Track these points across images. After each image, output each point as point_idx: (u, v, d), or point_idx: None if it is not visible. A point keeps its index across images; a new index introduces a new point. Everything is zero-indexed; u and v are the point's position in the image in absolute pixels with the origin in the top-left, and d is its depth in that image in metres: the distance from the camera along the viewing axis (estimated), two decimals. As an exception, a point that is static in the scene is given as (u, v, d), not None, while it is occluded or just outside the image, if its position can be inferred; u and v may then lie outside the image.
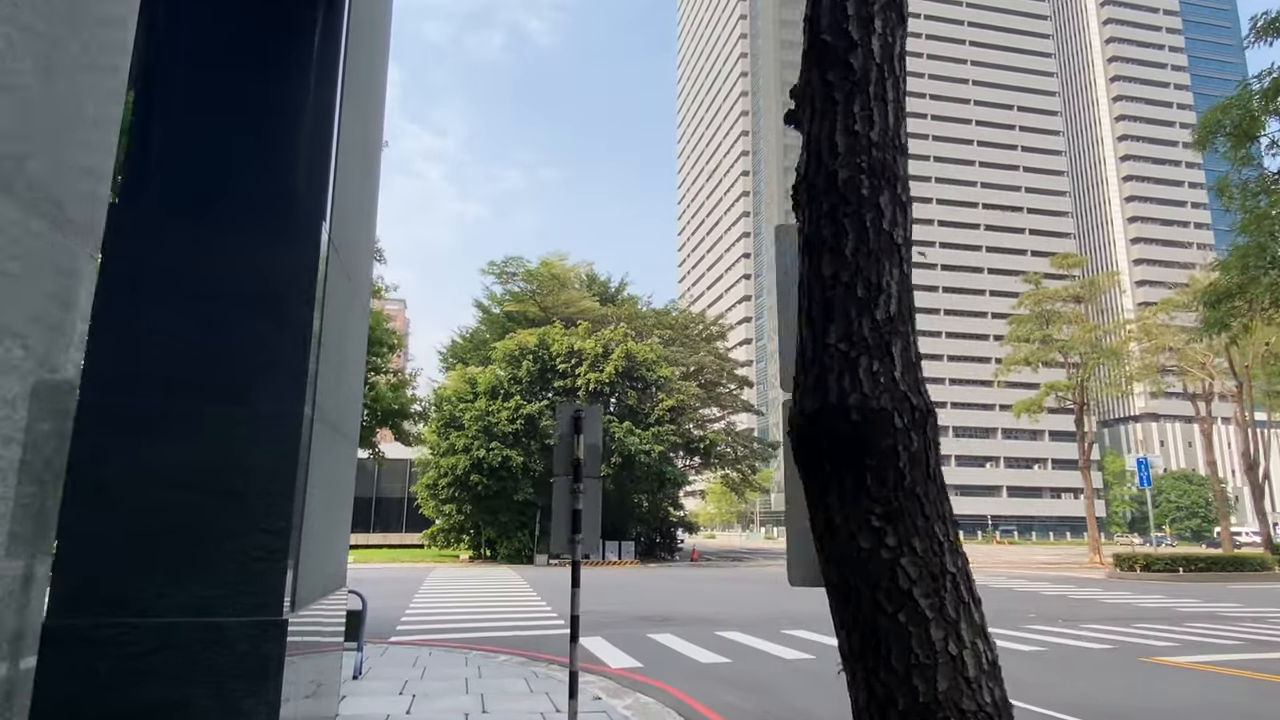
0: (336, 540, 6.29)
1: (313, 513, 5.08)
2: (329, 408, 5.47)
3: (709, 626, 13.58)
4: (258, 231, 4.87)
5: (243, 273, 4.79)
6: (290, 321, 4.77)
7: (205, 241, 4.83)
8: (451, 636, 12.44)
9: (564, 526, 5.96)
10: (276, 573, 4.52)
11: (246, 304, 4.74)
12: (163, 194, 4.92)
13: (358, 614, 8.68)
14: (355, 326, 6.50)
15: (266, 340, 4.71)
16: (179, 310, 4.66)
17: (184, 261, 4.75)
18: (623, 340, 36.69)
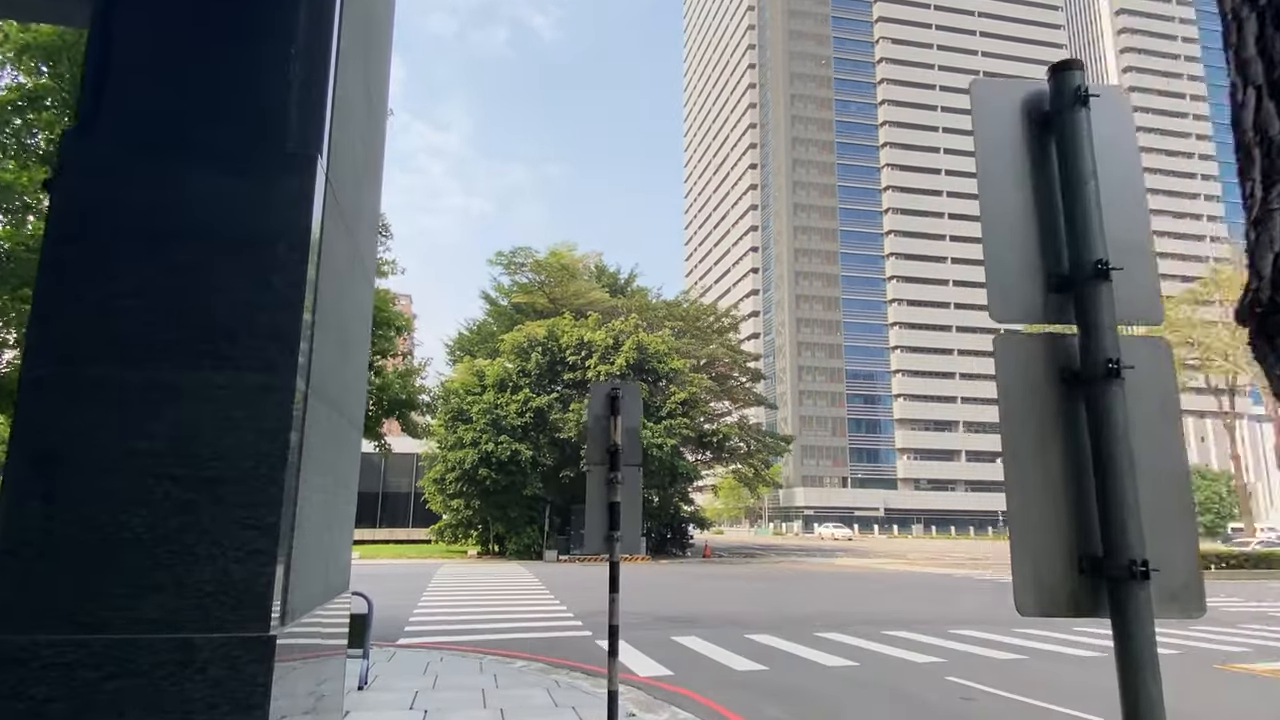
0: (339, 538, 5.48)
1: (309, 505, 4.26)
2: (329, 384, 4.66)
3: (736, 628, 12.78)
4: (239, 162, 4.03)
5: (221, 211, 3.96)
6: (279, 272, 3.95)
7: (176, 174, 3.99)
8: (463, 639, 11.67)
9: (599, 522, 5.16)
10: (263, 579, 3.68)
11: (225, 249, 3.91)
12: (126, 117, 4.08)
13: (363, 618, 7.91)
14: (359, 296, 5.68)
15: (250, 294, 3.89)
16: (142, 256, 3.84)
17: (149, 198, 3.92)
18: (634, 332, 35.89)
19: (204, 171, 3.87)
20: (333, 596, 5.33)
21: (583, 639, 11.67)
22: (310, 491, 4.29)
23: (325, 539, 4.85)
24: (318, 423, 4.37)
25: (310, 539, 4.38)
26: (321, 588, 4.86)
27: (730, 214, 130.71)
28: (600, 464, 5.24)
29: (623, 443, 5.20)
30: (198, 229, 3.77)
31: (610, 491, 5.14)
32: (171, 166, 3.83)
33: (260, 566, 3.59)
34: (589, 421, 5.33)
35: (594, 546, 5.15)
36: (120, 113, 3.93)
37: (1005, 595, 15.82)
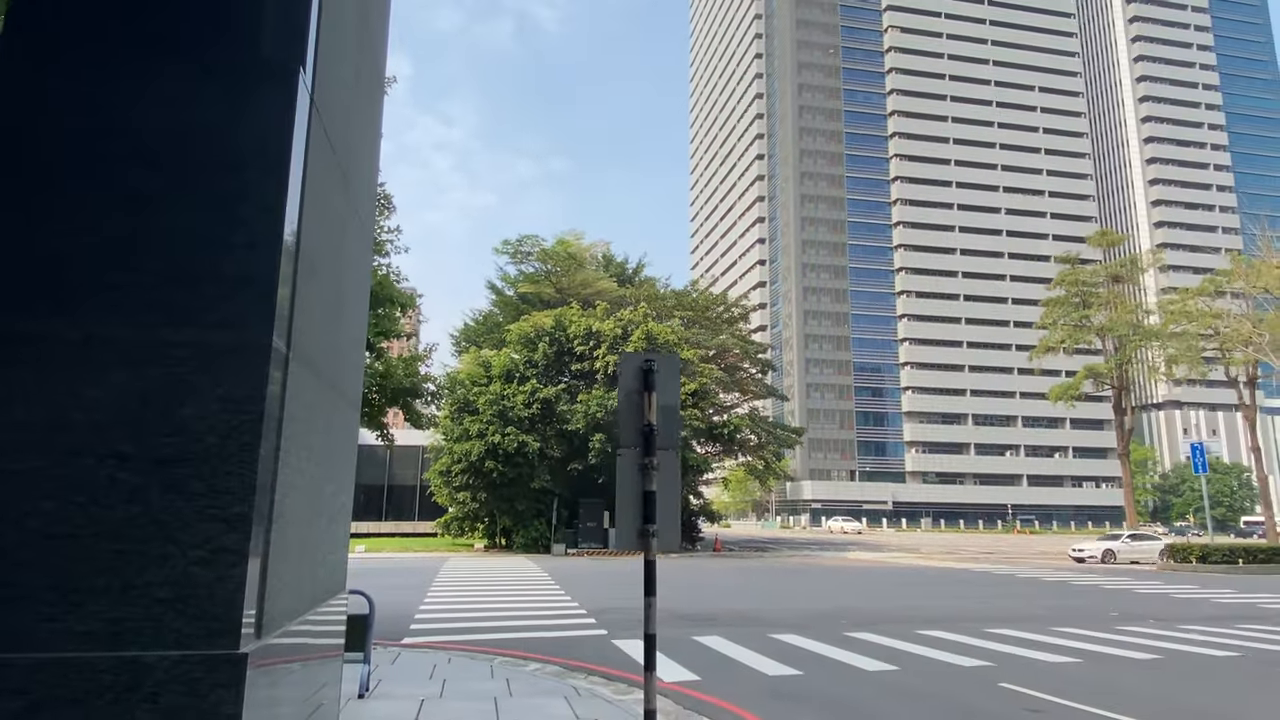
0: (332, 532, 4.77)
1: (292, 493, 3.55)
2: (317, 349, 3.95)
3: (759, 627, 12.10)
4: (203, 71, 3.28)
5: (180, 131, 3.22)
6: (251, 204, 3.21)
7: (126, 83, 3.26)
8: (472, 638, 11.01)
9: (632, 514, 4.47)
10: (230, 582, 2.95)
11: (184, 175, 3.17)
12: (67, 14, 3.33)
13: (364, 619, 7.23)
14: (354, 252, 4.96)
15: (215, 231, 3.16)
16: (82, 183, 3.11)
17: (94, 112, 3.19)
18: (642, 321, 35.15)
19: (160, 80, 3.15)
20: (325, 599, 4.64)
21: (598, 638, 11.01)
22: (293, 476, 3.59)
23: (314, 533, 4.15)
24: (302, 393, 3.66)
25: (294, 533, 3.68)
26: (310, 590, 4.16)
27: (737, 205, 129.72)
28: (632, 447, 4.55)
29: (658, 423, 4.50)
30: (151, 150, 3.06)
31: (644, 479, 4.45)
32: (119, 74, 3.12)
33: (227, 568, 2.87)
34: (619, 398, 4.64)
35: (626, 542, 4.46)
36: (55, 7, 3.21)
37: (1033, 590, 15.11)
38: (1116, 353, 40.26)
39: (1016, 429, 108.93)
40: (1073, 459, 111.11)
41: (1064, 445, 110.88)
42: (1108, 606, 15.95)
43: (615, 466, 4.54)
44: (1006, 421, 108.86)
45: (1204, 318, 39.92)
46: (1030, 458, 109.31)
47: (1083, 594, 18.74)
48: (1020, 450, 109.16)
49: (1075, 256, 44.59)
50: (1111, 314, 40.60)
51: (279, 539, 3.31)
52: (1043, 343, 42.77)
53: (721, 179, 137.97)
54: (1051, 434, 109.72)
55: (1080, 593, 19.06)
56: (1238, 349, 39.91)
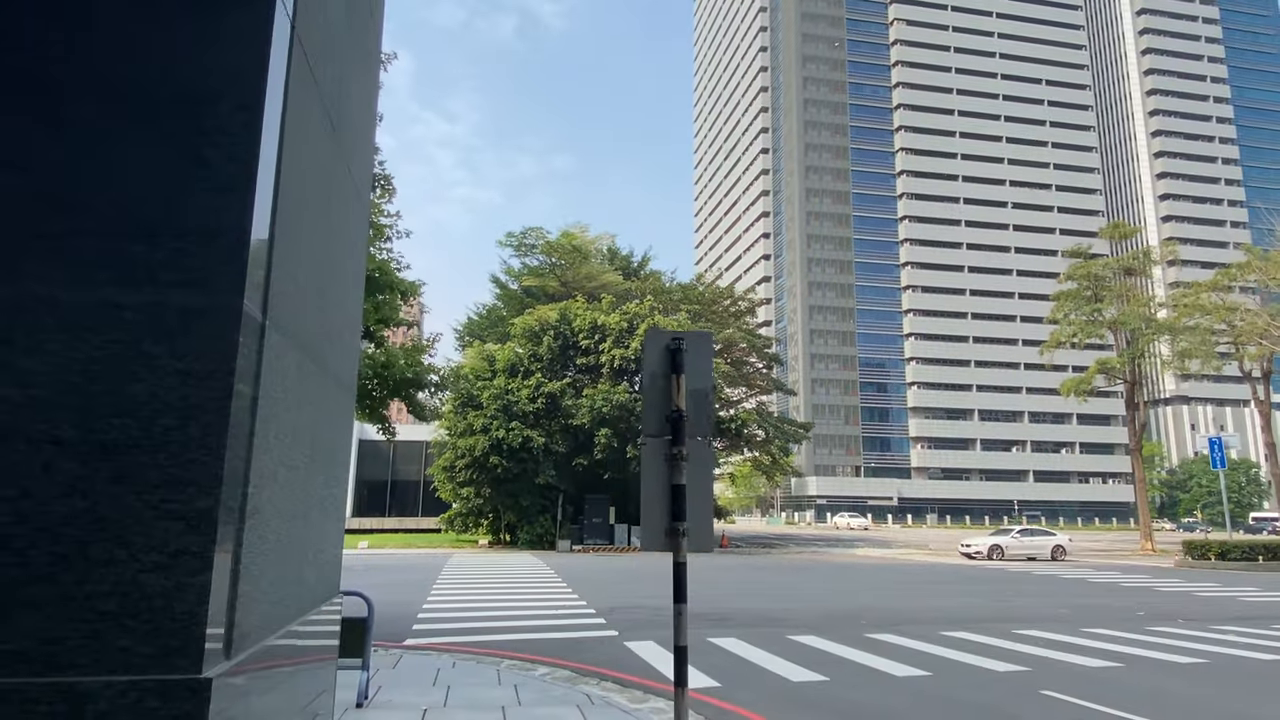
0: (322, 530, 4.30)
1: (272, 485, 3.06)
2: (302, 324, 3.47)
3: (775, 628, 11.63)
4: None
5: (136, 54, 2.71)
6: (220, 146, 2.69)
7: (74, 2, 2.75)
8: (477, 639, 10.55)
9: (659, 511, 3.98)
10: (191, 592, 2.44)
11: (140, 108, 2.68)
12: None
13: (362, 622, 6.78)
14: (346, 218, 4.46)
15: (177, 175, 2.66)
16: (16, 116, 2.61)
17: (34, 35, 2.68)
18: (649, 315, 34.67)
19: None
20: (316, 605, 4.16)
21: (609, 640, 10.54)
22: (272, 465, 3.09)
23: (300, 530, 3.67)
24: (283, 369, 3.16)
25: (274, 531, 3.19)
26: (296, 596, 3.67)
27: (742, 199, 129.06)
28: (659, 435, 4.06)
29: (688, 408, 4.01)
30: (100, 75, 2.58)
31: (673, 471, 3.96)
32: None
33: (188, 574, 2.36)
34: (643, 381, 4.16)
35: (653, 542, 3.98)
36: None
37: (1051, 588, 14.59)
38: (1129, 346, 39.66)
39: (1023, 424, 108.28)
40: (1079, 454, 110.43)
41: (1070, 441, 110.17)
42: (1132, 605, 15.46)
43: (641, 457, 4.06)
44: (1012, 417, 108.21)
45: (1218, 311, 39.30)
46: (1036, 453, 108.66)
47: (1103, 592, 18.24)
48: (1026, 446, 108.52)
49: (1086, 249, 43.95)
50: (1124, 307, 39.99)
51: (255, 538, 2.83)
52: (1054, 336, 42.15)
53: (726, 173, 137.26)
54: (1058, 429, 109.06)
55: (1100, 591, 18.56)
56: (1252, 343, 39.29)
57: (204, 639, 2.28)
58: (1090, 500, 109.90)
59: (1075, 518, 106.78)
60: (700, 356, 4.12)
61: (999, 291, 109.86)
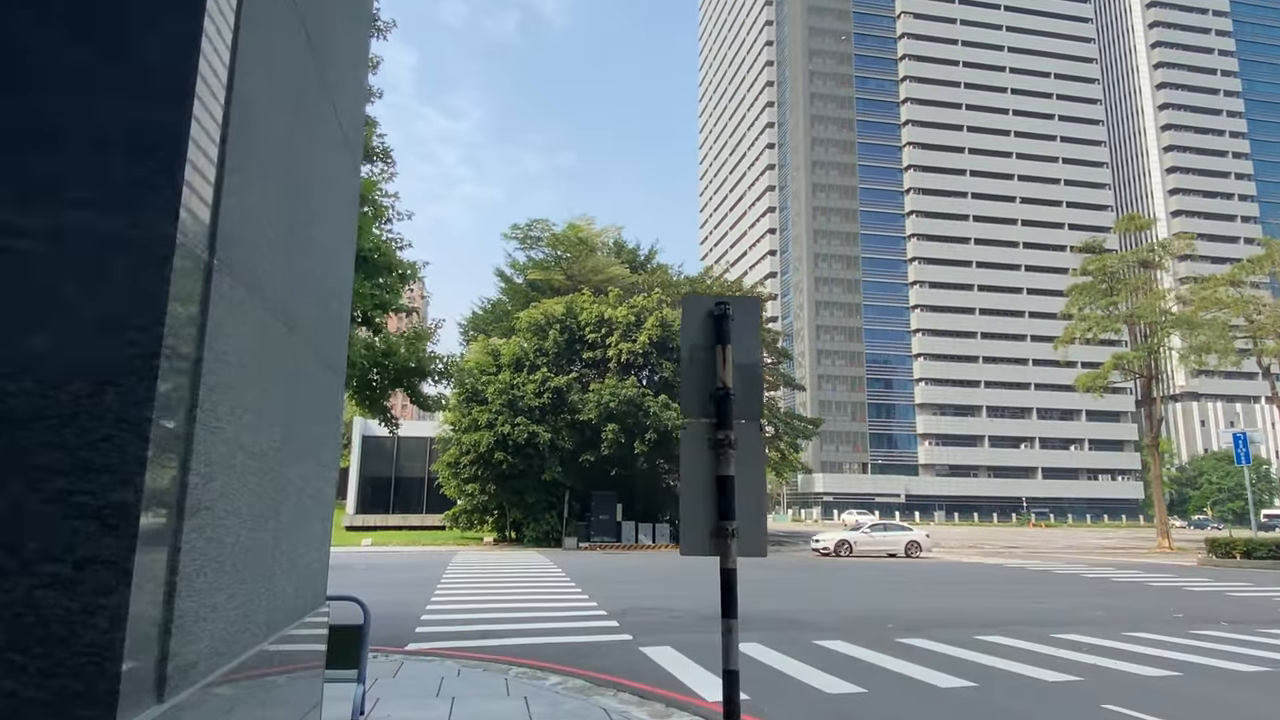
0: (304, 530, 3.66)
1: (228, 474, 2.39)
2: (269, 277, 2.82)
3: (799, 631, 10.99)
4: None
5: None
6: (154, 35, 1.98)
7: None
8: (484, 644, 9.94)
9: (701, 507, 3.35)
10: (104, 615, 1.74)
11: None
12: None
13: (357, 631, 6.15)
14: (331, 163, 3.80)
15: (96, 70, 1.94)
16: None
17: None
18: (657, 308, 34.02)
19: None
20: (294, 620, 3.51)
21: (623, 645, 9.92)
22: (228, 450, 2.39)
23: (270, 532, 3.01)
24: (241, 329, 2.47)
25: (231, 534, 2.49)
26: (266, 611, 3.00)
27: (747, 195, 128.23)
28: (701, 418, 3.42)
29: (735, 385, 3.37)
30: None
31: (718, 460, 3.32)
32: None
33: (99, 592, 1.69)
34: (682, 355, 3.52)
35: (696, 545, 3.34)
36: None
37: (1078, 588, 13.88)
38: (1145, 340, 38.90)
39: (1031, 421, 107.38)
40: (1088, 451, 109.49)
41: (1080, 438, 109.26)
42: (1166, 606, 14.79)
43: (680, 443, 3.41)
44: (1021, 414, 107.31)
45: (1236, 305, 38.53)
46: (1045, 450, 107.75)
47: (1132, 592, 17.57)
48: (1035, 443, 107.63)
49: (1100, 242, 43.20)
50: (1140, 301, 39.22)
51: (201, 542, 2.18)
52: (1068, 331, 41.38)
53: (731, 169, 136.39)
54: (1067, 426, 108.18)
55: (1127, 591, 17.88)
56: (1270, 336, 38.51)
57: (119, 678, 1.63)
58: (1099, 497, 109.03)
59: (1084, 515, 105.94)
60: (748, 325, 3.49)
61: (1007, 287, 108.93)
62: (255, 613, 2.70)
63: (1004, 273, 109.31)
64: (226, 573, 2.33)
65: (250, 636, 2.64)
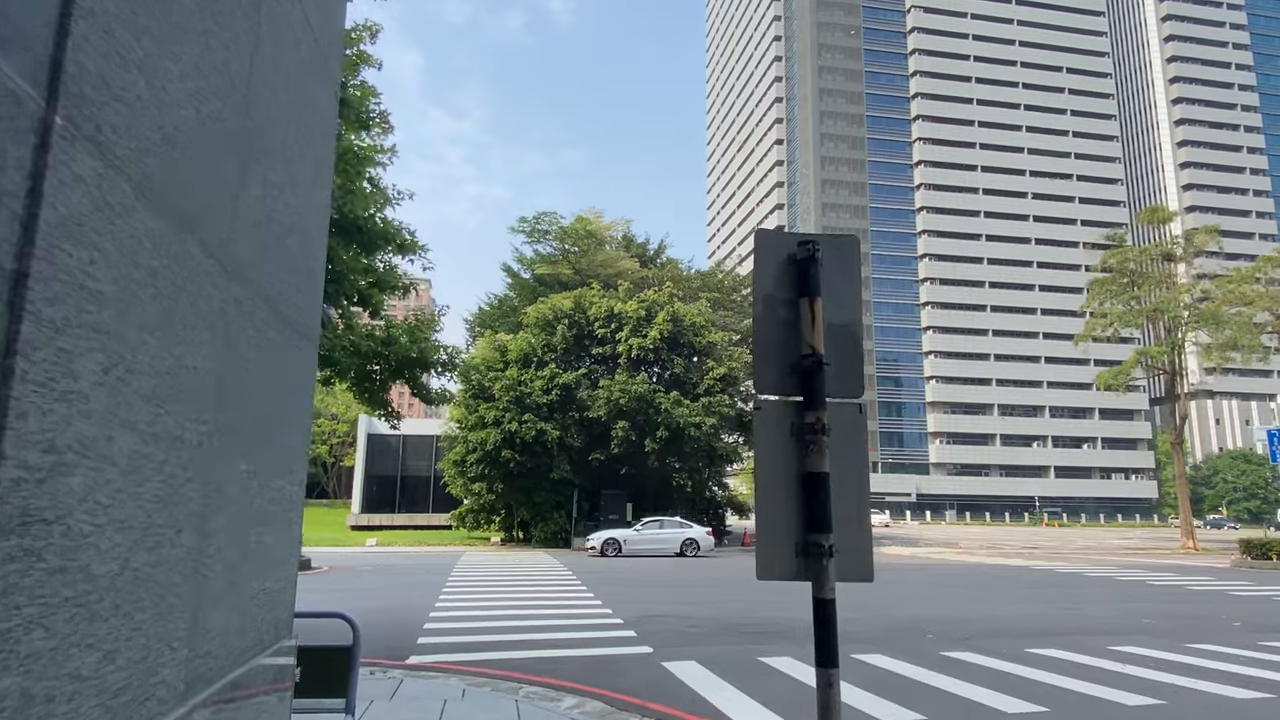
0: (258, 547, 2.80)
1: (99, 466, 1.47)
2: (172, 170, 1.92)
3: (832, 642, 10.12)
4: None
5: None
6: None
7: None
8: (491, 656, 9.12)
9: (784, 519, 2.51)
10: None
11: None
12: None
13: (346, 653, 5.32)
14: (287, 53, 2.91)
15: None
16: None
17: None
18: (668, 302, 33.16)
19: None
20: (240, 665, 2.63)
21: (643, 659, 9.08)
22: (96, 426, 1.46)
23: (183, 553, 2.12)
24: (120, 238, 1.55)
25: (111, 560, 1.57)
26: (183, 666, 2.11)
27: (756, 191, 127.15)
28: (780, 396, 2.57)
29: (829, 352, 2.51)
30: None
31: (806, 452, 2.47)
32: None
33: None
34: (755, 313, 2.67)
35: (776, 567, 2.49)
36: None
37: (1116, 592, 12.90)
38: (1169, 335, 37.85)
39: (1043, 419, 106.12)
40: (1101, 450, 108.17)
41: (1092, 436, 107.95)
42: (1217, 613, 13.87)
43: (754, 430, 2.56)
44: (1033, 412, 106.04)
45: (1260, 299, 37.46)
46: (1057, 449, 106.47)
47: (1174, 597, 16.63)
48: (1047, 441, 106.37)
49: (1121, 235, 42.15)
50: (1163, 295, 38.18)
51: (37, 576, 1.30)
52: (1089, 326, 40.36)
53: (739, 165, 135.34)
54: (1079, 424, 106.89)
55: (1168, 596, 16.94)
56: (1301, 331, 37.46)
57: None
58: (1112, 496, 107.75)
59: (1097, 514, 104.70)
60: (845, 273, 2.64)
61: (1019, 284, 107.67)
62: (162, 670, 1.85)
63: (1016, 269, 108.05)
64: (102, 619, 1.47)
65: (151, 709, 1.79)
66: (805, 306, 2.53)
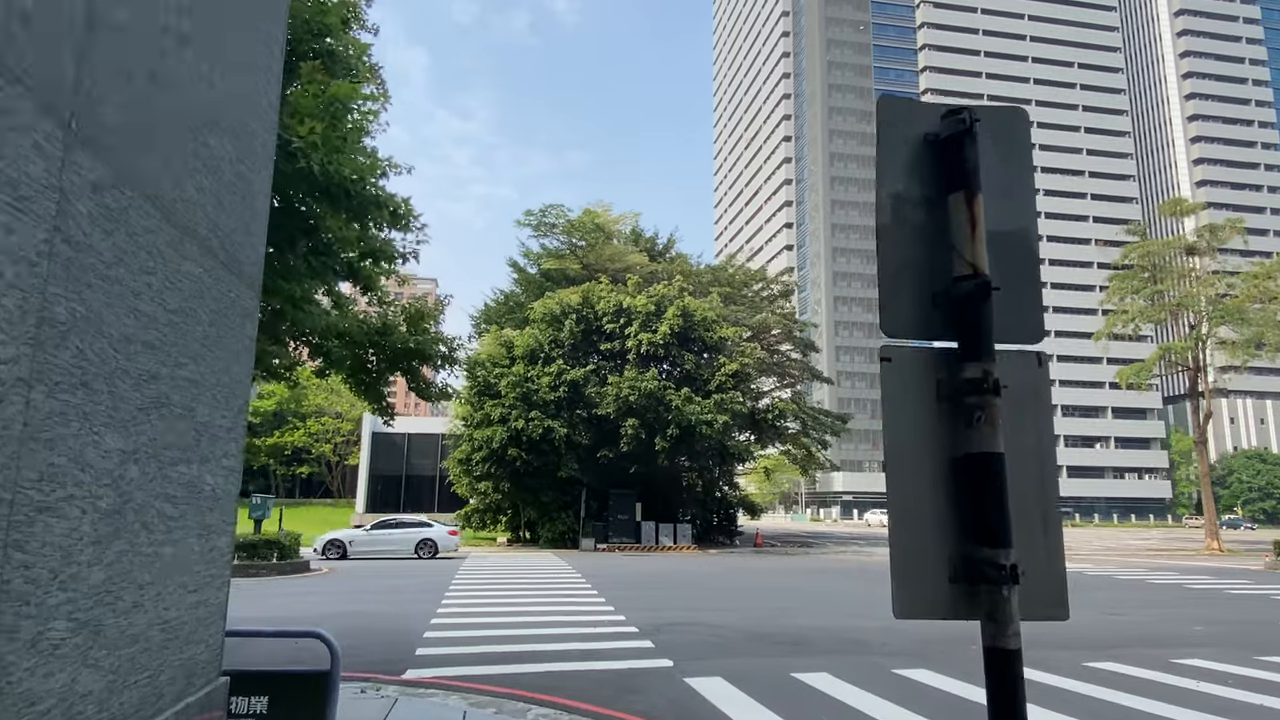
0: (149, 562, 1.88)
1: None
2: (101, 112, 1.05)
3: (869, 656, 9.27)
4: None
5: None
6: None
7: None
8: (496, 671, 8.28)
9: (931, 526, 1.63)
10: None
11: None
12: None
13: (322, 679, 4.50)
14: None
15: None
16: None
17: None
18: (678, 296, 32.27)
19: None
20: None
21: (662, 673, 8.24)
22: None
23: (32, 563, 1.10)
24: None
25: None
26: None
27: (764, 189, 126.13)
28: (918, 340, 1.72)
29: (994, 271, 1.65)
30: None
31: (966, 424, 1.61)
32: None
33: None
34: (878, 221, 1.80)
35: (917, 598, 1.63)
36: None
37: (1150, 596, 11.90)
38: (1193, 330, 36.79)
39: (1056, 418, 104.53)
40: (1114, 449, 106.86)
41: (1105, 435, 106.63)
42: (1273, 621, 12.97)
43: (882, 392, 1.70)
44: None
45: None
46: (1070, 448, 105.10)
47: (1217, 602, 15.69)
48: (1060, 440, 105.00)
49: (1143, 228, 41.13)
50: (1187, 289, 37.15)
51: None
52: (1110, 321, 39.32)
53: (747, 163, 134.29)
54: (1092, 424, 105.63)
55: (1211, 600, 16.00)
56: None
57: None
58: (1126, 496, 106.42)
59: (1110, 514, 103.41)
60: (1013, 159, 1.80)
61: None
62: None
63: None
64: None
65: None
66: (958, 206, 1.68)
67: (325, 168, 5.93)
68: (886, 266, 1.76)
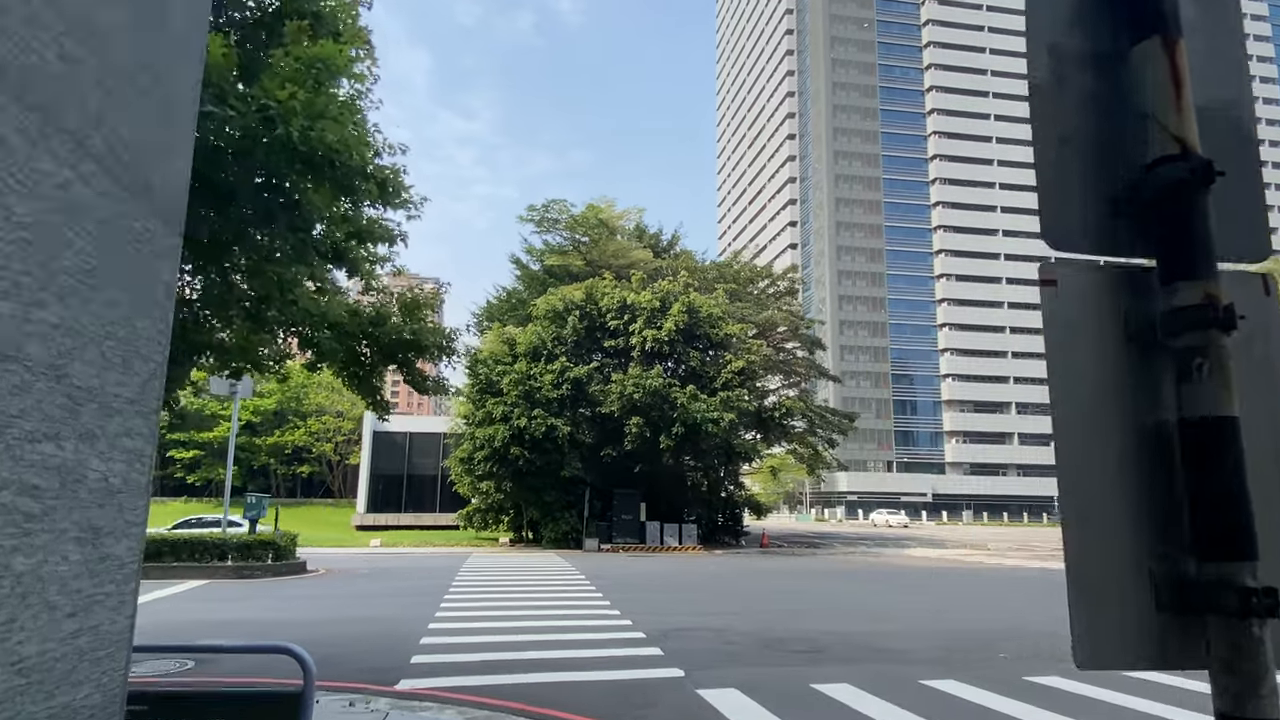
0: (5, 569, 1.24)
1: None
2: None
3: (892, 664, 8.72)
4: None
5: None
6: None
7: None
8: (495, 681, 7.75)
9: (1128, 523, 1.09)
10: None
11: None
12: None
13: (292, 700, 3.96)
14: None
15: None
16: None
17: None
18: (683, 293, 31.72)
19: None
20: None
21: (673, 683, 7.70)
22: None
23: None
24: None
25: None
26: None
27: (767, 188, 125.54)
28: (1096, 249, 1.17)
29: (1215, 156, 1.09)
30: None
31: (1181, 380, 1.05)
32: None
33: None
34: (1031, 84, 1.25)
35: (1111, 641, 1.07)
36: None
37: None
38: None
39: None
40: None
41: None
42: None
43: (1044, 334, 1.16)
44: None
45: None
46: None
47: None
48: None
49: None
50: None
51: None
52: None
53: (751, 162, 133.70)
54: None
55: None
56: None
57: None
58: None
59: None
60: (1224, 15, 1.26)
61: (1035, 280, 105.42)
62: None
63: (1032, 264, 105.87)
64: None
65: None
66: (1153, 57, 1.14)
67: (306, 134, 5.40)
68: (1043, 151, 1.22)
